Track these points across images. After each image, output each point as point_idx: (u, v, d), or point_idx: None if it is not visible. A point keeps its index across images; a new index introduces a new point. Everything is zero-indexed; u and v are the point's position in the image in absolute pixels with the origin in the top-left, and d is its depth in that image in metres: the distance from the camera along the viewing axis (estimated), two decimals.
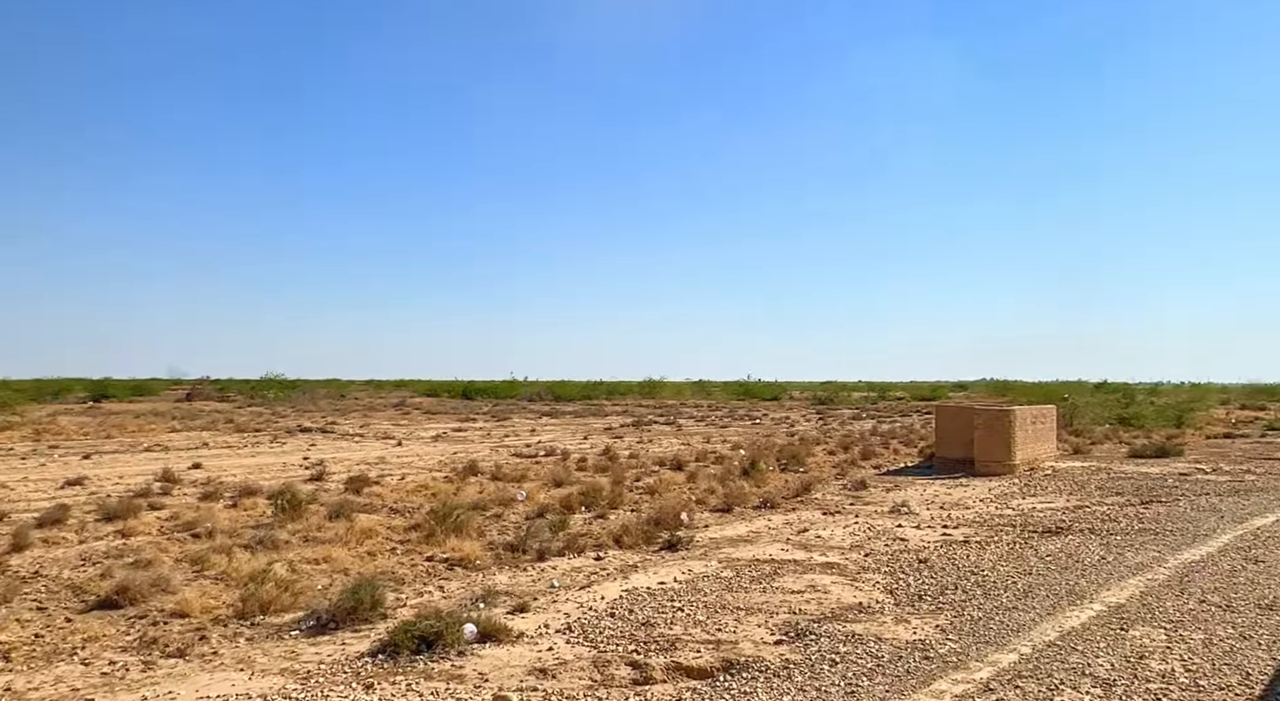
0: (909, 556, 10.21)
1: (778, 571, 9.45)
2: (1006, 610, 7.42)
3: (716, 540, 11.58)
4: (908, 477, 19.50)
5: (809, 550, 10.83)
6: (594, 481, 17.25)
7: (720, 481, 17.89)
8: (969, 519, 13.33)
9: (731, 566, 9.73)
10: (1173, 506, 14.11)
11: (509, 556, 10.32)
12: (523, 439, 30.99)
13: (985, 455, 20.24)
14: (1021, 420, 20.61)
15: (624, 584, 8.75)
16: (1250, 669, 5.75)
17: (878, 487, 17.53)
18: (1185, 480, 17.86)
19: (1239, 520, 12.50)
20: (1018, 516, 13.48)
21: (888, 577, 9.11)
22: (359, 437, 30.79)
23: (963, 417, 21.00)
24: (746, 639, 6.65)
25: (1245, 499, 14.91)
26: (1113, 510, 13.93)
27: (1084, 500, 15.40)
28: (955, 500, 15.63)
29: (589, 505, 14.08)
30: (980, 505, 14.97)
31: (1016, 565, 9.51)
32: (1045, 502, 15.19)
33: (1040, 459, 21.59)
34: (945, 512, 14.05)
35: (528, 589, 8.60)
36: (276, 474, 18.89)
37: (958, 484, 18.29)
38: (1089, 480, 18.32)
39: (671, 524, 12.48)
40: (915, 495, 16.31)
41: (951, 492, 16.76)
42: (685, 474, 19.27)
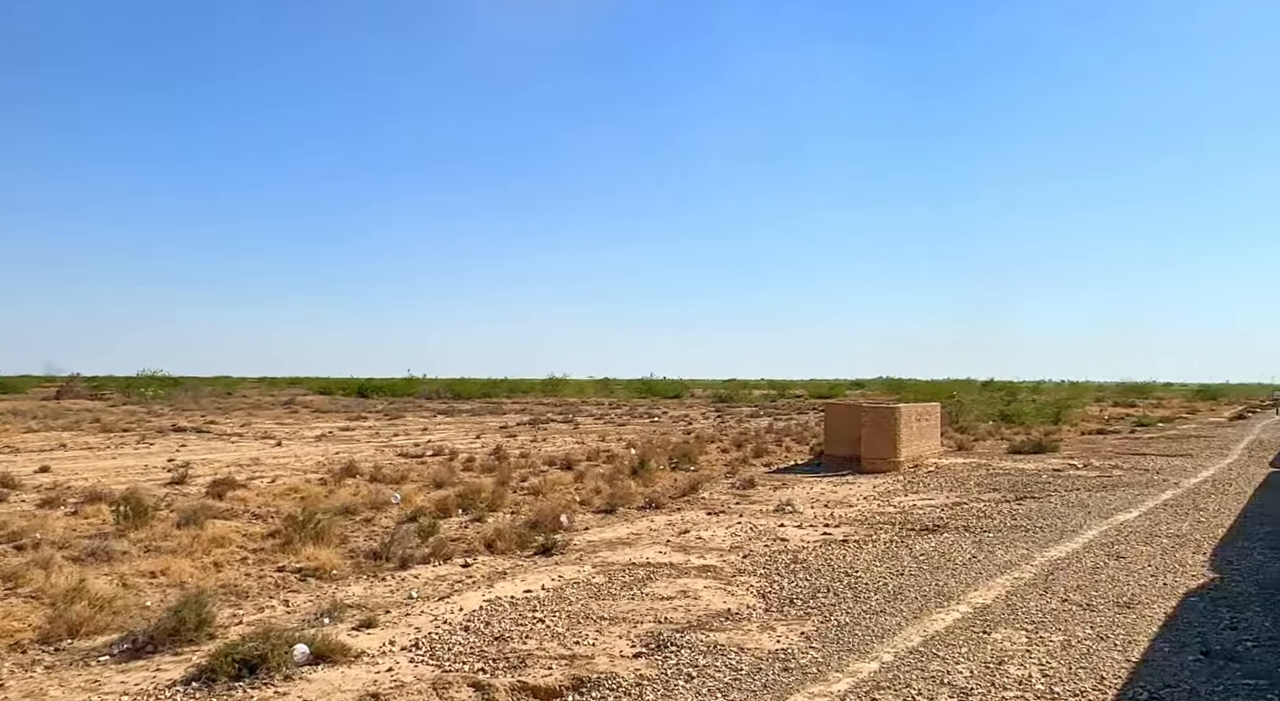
0: (786, 557, 10.04)
1: (652, 576, 9.13)
2: (874, 614, 7.26)
3: (595, 543, 11.20)
4: (797, 475, 19.56)
5: (688, 552, 10.55)
6: (478, 482, 16.65)
7: (608, 481, 17.54)
8: (851, 517, 13.32)
9: (605, 571, 9.36)
10: (1044, 502, 14.45)
11: (370, 565, 9.70)
12: (413, 438, 30.01)
13: (872, 453, 20.49)
14: (907, 418, 20.96)
15: (488, 593, 8.27)
16: (1105, 672, 5.69)
17: (766, 486, 17.49)
18: (1058, 476, 18.44)
19: (1105, 515, 12.85)
20: (898, 514, 13.56)
21: (763, 580, 8.89)
22: (237, 438, 29.24)
23: (851, 416, 21.23)
24: (604, 652, 6.28)
25: (1112, 494, 15.41)
26: (988, 507, 14.17)
27: (962, 497, 15.66)
28: (840, 498, 15.68)
29: (467, 507, 13.51)
30: (863, 503, 15.04)
31: (890, 565, 9.43)
32: (926, 500, 15.37)
33: (925, 456, 22.04)
34: (829, 511, 14.04)
35: (383, 601, 8.02)
36: (134, 477, 17.60)
37: (844, 481, 18.42)
38: (969, 476, 18.72)
39: (550, 526, 12.05)
40: (801, 493, 16.31)
41: (837, 490, 16.84)
42: (574, 473, 18.85)
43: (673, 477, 18.70)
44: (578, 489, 16.62)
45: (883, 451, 20.40)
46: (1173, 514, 12.88)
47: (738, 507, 14.54)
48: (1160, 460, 21.92)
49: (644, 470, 18.78)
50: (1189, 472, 18.93)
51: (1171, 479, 17.64)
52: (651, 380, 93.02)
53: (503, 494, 15.25)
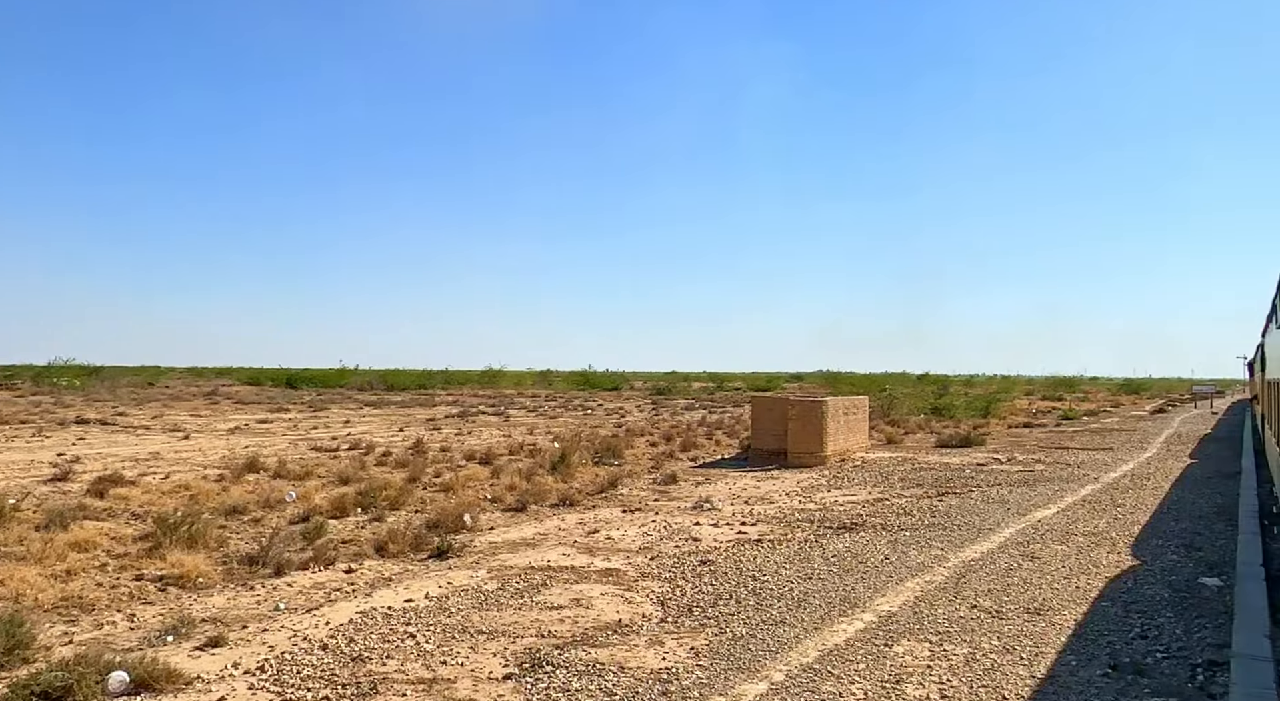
0: (695, 559, 9.54)
1: (549, 581, 8.54)
2: (774, 625, 6.77)
3: (497, 545, 10.56)
4: (722, 470, 19.15)
5: (594, 554, 9.99)
6: (387, 479, 15.85)
7: (526, 477, 16.88)
8: (770, 515, 12.91)
9: (500, 576, 8.74)
10: (965, 498, 14.24)
11: (244, 571, 8.92)
12: (333, 431, 28.90)
13: (798, 447, 20.19)
14: (834, 412, 20.72)
15: (364, 603, 7.59)
16: (1008, 690, 5.27)
17: (688, 481, 17.02)
18: (981, 471, 18.35)
19: (1023, 512, 12.65)
20: (818, 511, 13.19)
21: (665, 585, 8.38)
22: (143, 430, 27.79)
23: (777, 409, 20.90)
24: (471, 675, 5.66)
25: (1032, 489, 15.29)
26: (909, 503, 13.90)
27: (885, 492, 15.39)
28: (762, 494, 15.28)
29: (367, 506, 12.73)
30: (785, 499, 14.65)
31: (801, 568, 8.99)
32: (848, 496, 15.06)
33: (852, 450, 21.84)
34: (748, 508, 13.61)
35: (244, 613, 7.29)
36: (14, 475, 16.39)
37: (769, 476, 18.06)
38: (894, 471, 18.52)
39: (451, 527, 11.37)
40: (723, 489, 15.88)
41: (760, 486, 16.45)
42: (491, 469, 18.14)
43: (594, 473, 18.13)
44: (492, 485, 15.94)
45: (809, 445, 20.12)
46: (1091, 510, 12.73)
47: (656, 505, 14.03)
48: (1082, 454, 22.07)
49: (564, 465, 18.16)
50: (1109, 467, 19.02)
51: (1092, 473, 17.66)
52: (590, 372, 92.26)
53: (411, 491, 14.50)
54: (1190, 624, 6.74)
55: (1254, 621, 6.45)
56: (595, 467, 19.36)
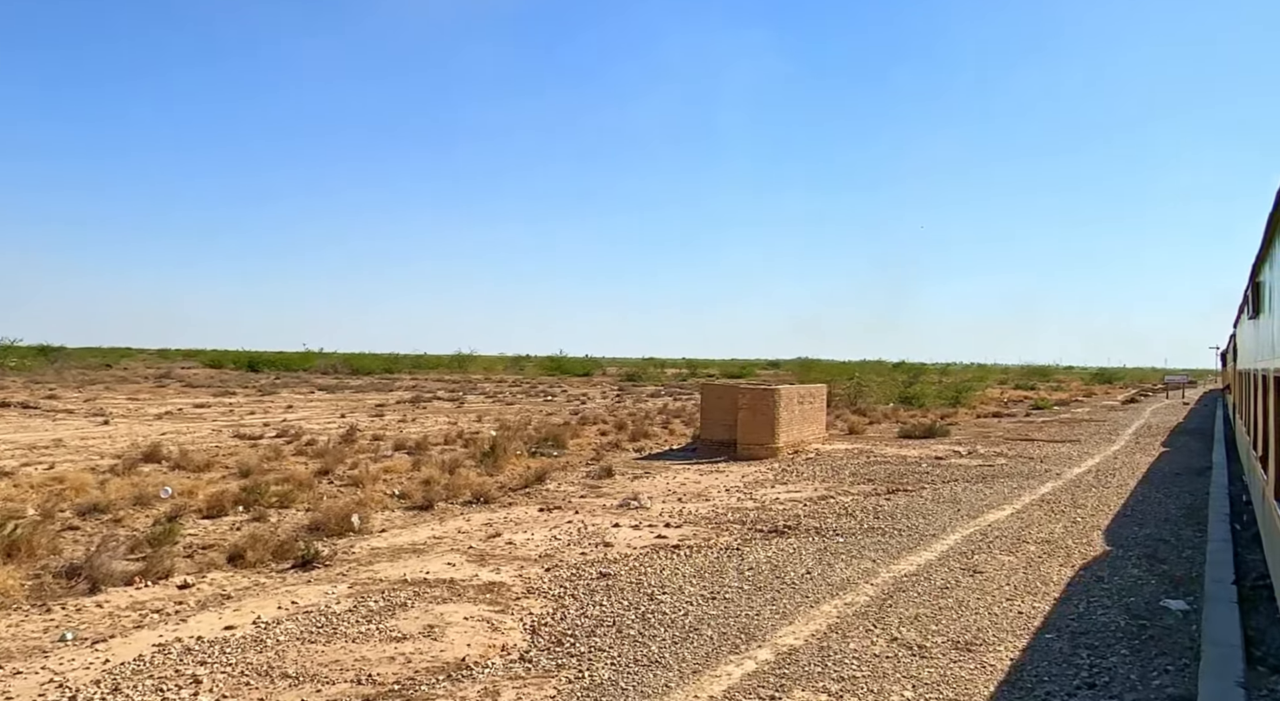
0: (596, 570, 8.34)
1: (414, 599, 7.31)
2: (648, 666, 5.57)
3: (379, 551, 9.31)
4: (666, 462, 17.97)
5: (484, 563, 8.77)
6: (293, 471, 14.57)
7: (449, 469, 15.62)
8: (700, 515, 11.74)
9: (359, 593, 7.50)
10: (915, 496, 13.13)
11: (59, 586, 7.61)
12: (272, 417, 27.47)
13: (748, 438, 19.04)
14: (788, 400, 19.57)
15: (171, 632, 6.32)
16: None
17: (625, 475, 15.82)
18: (939, 465, 17.27)
19: (975, 514, 11.54)
20: (754, 511, 12.03)
21: (549, 604, 7.18)
22: (65, 415, 26.24)
23: (727, 398, 19.73)
24: None
25: (989, 486, 14.22)
26: (855, 501, 12.78)
27: (833, 488, 14.28)
28: (699, 490, 14.11)
29: (250, 504, 11.43)
30: (723, 496, 13.49)
31: (709, 583, 7.81)
32: (792, 492, 13.93)
33: (807, 441, 20.73)
34: (680, 507, 12.43)
35: (17, 646, 5.99)
36: None
37: (715, 469, 16.90)
38: (847, 465, 17.41)
39: (335, 529, 10.11)
40: (660, 485, 14.70)
41: (701, 481, 15.28)
42: (414, 460, 16.85)
43: (526, 465, 16.89)
44: (410, 478, 14.67)
45: (760, 436, 18.97)
46: (1048, 512, 11.65)
47: (580, 502, 12.83)
48: (1048, 447, 21.07)
49: (494, 456, 16.91)
50: (1074, 461, 18.01)
51: (1054, 469, 16.63)
52: (562, 358, 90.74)
53: (312, 486, 13.22)
54: (1148, 665, 5.60)
55: (1224, 663, 5.32)
56: (530, 459, 18.14)
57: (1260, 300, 8.72)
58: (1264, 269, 8.18)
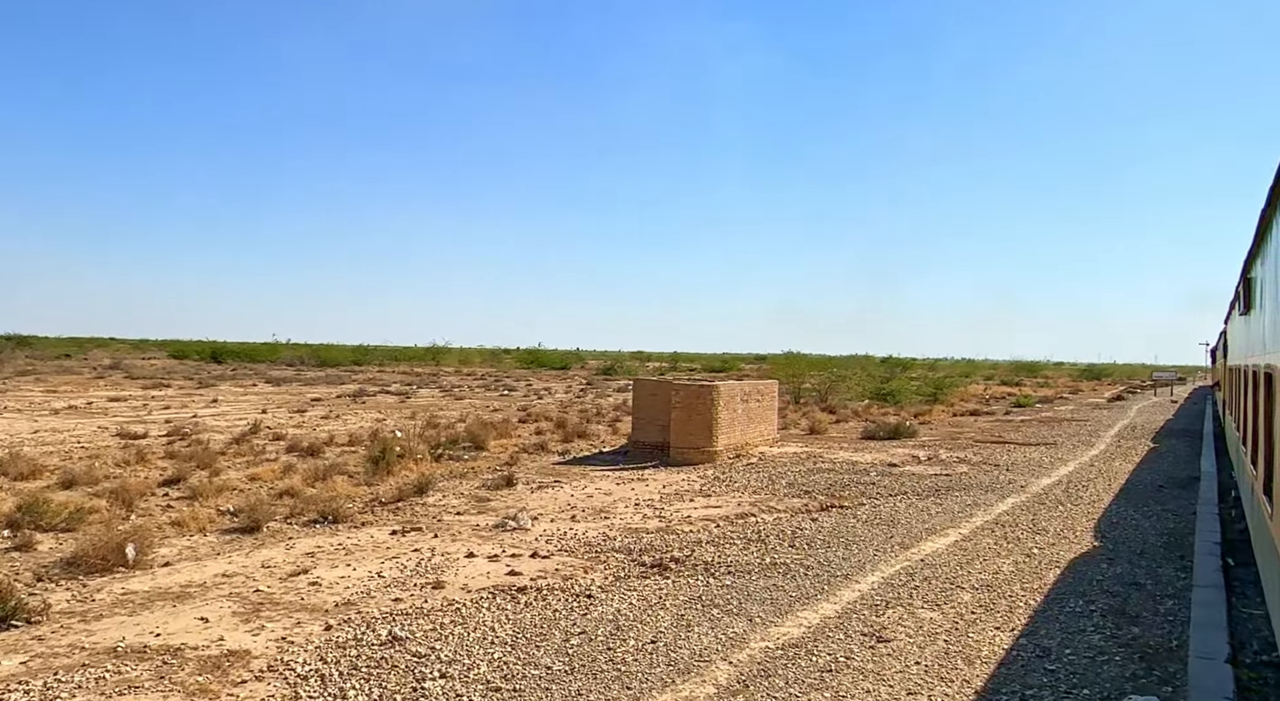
0: (389, 630, 6.26)
1: (96, 685, 5.22)
2: None
3: (130, 597, 7.23)
4: (587, 468, 15.90)
5: (255, 616, 6.71)
6: (127, 482, 12.45)
7: (322, 477, 13.55)
8: (585, 540, 9.68)
9: (26, 673, 5.41)
10: (849, 516, 11.09)
11: None
12: (183, 413, 25.30)
13: (682, 440, 16.96)
14: (728, 399, 17.49)
15: None
16: None
17: (530, 485, 13.74)
18: (890, 473, 15.21)
19: (910, 541, 9.48)
20: (653, 534, 9.98)
21: (280, 695, 5.10)
22: None
23: (661, 395, 17.65)
24: None
25: (939, 502, 12.18)
26: (776, 522, 10.73)
27: (759, 503, 12.22)
28: (604, 505, 12.05)
29: (19, 525, 9.31)
30: (628, 513, 11.43)
31: (514, 658, 5.73)
32: (711, 508, 11.88)
33: (753, 443, 18.66)
34: (568, 528, 10.38)
35: None
36: None
37: (637, 477, 14.82)
38: (788, 472, 15.35)
39: (99, 562, 8.03)
40: (561, 498, 12.62)
41: (614, 492, 13.21)
42: (290, 465, 14.74)
43: (421, 472, 14.82)
44: (270, 488, 12.60)
45: (696, 438, 16.90)
46: (999, 540, 9.60)
47: (450, 522, 10.76)
48: (1018, 451, 19.05)
49: (386, 461, 14.81)
50: (1044, 469, 15.99)
51: (1020, 479, 14.59)
52: (540, 351, 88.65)
53: (130, 501, 11.11)
54: None
55: None
56: (433, 463, 16.05)
57: (1251, 296, 8.62)
58: (1255, 265, 8.11)
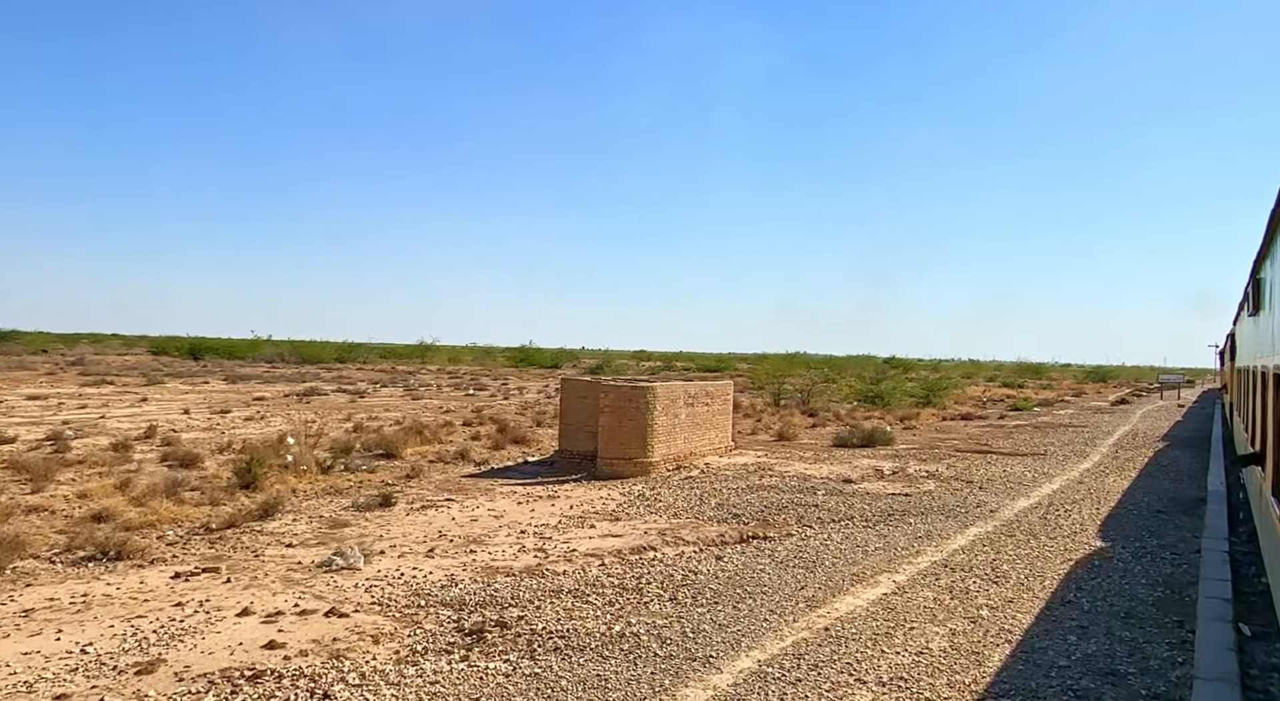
0: None
1: None
2: None
3: None
4: (498, 481, 13.76)
5: None
6: None
7: (161, 494, 11.44)
8: (417, 586, 7.58)
9: None
10: (774, 548, 8.91)
11: None
12: (99, 413, 23.22)
13: (612, 450, 14.78)
14: (667, 402, 15.32)
15: None
16: None
17: (413, 504, 11.64)
18: (841, 491, 13.00)
19: (828, 593, 7.30)
20: (517, 576, 7.87)
21: None
22: None
23: (591, 398, 15.49)
24: None
25: (885, 533, 9.98)
26: (679, 558, 8.59)
27: (672, 531, 10.07)
28: (483, 532, 9.92)
29: None
30: (506, 544, 9.30)
31: None
32: (613, 537, 9.74)
33: (700, 452, 16.48)
34: (412, 567, 8.29)
35: None
36: None
37: (548, 494, 12.68)
38: (727, 488, 13.17)
39: None
40: (436, 522, 10.50)
41: (508, 514, 11.08)
42: (174, 475, 12.63)
43: (293, 487, 12.73)
44: (85, 510, 10.51)
45: (627, 448, 14.73)
46: (944, 593, 7.41)
47: (269, 557, 8.67)
48: (1000, 463, 16.81)
49: (253, 474, 12.69)
50: (1024, 487, 13.76)
51: (992, 501, 12.37)
52: (529, 349, 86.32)
53: None
54: None
55: None
56: (322, 475, 13.93)
57: (1261, 297, 8.61)
58: (1265, 266, 8.05)
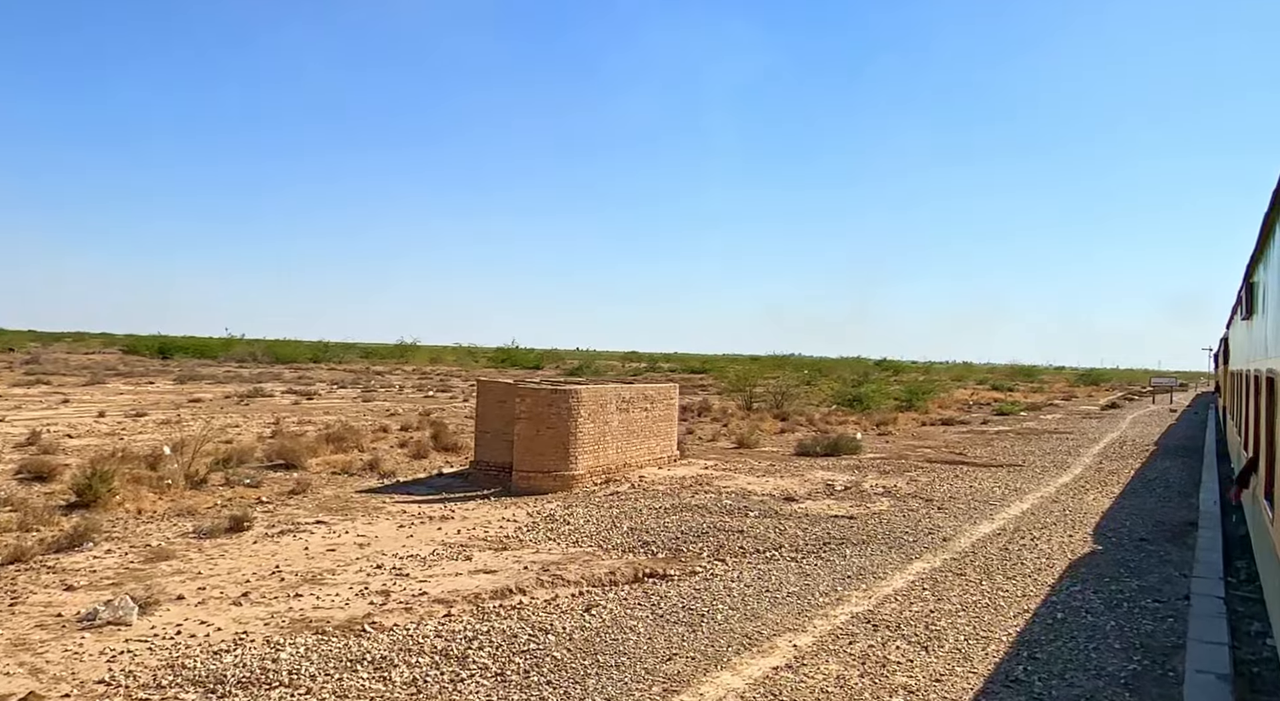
0: None
1: None
2: None
3: None
4: (396, 497, 12.03)
5: None
6: None
7: None
8: (172, 656, 5.85)
9: None
10: (653, 597, 7.18)
11: None
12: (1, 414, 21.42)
13: (529, 461, 13.03)
14: (595, 407, 13.59)
15: None
16: None
17: (274, 528, 9.91)
18: (778, 512, 11.25)
19: (701, 667, 5.56)
20: (331, 634, 6.15)
21: None
22: None
23: (509, 402, 13.74)
24: None
25: (810, 569, 8.25)
26: (548, 605, 6.88)
27: (560, 565, 8.36)
28: (332, 566, 8.21)
29: None
30: (352, 583, 7.60)
31: None
32: (483, 574, 8.05)
33: (637, 463, 14.74)
34: (202, 620, 6.58)
35: None
36: None
37: (442, 515, 10.96)
38: (649, 508, 11.43)
39: None
40: (285, 552, 8.78)
41: (376, 541, 9.35)
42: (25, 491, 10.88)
43: (139, 507, 11.02)
44: None
45: (546, 459, 13.00)
46: (854, 665, 5.69)
47: (34, 604, 6.91)
48: (970, 476, 15.09)
49: (94, 492, 10.93)
50: (991, 507, 12.05)
51: (951, 524, 10.65)
52: (512, 349, 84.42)
53: None
54: None
55: None
56: (192, 491, 12.19)
57: (1254, 300, 8.61)
58: (1258, 270, 8.06)
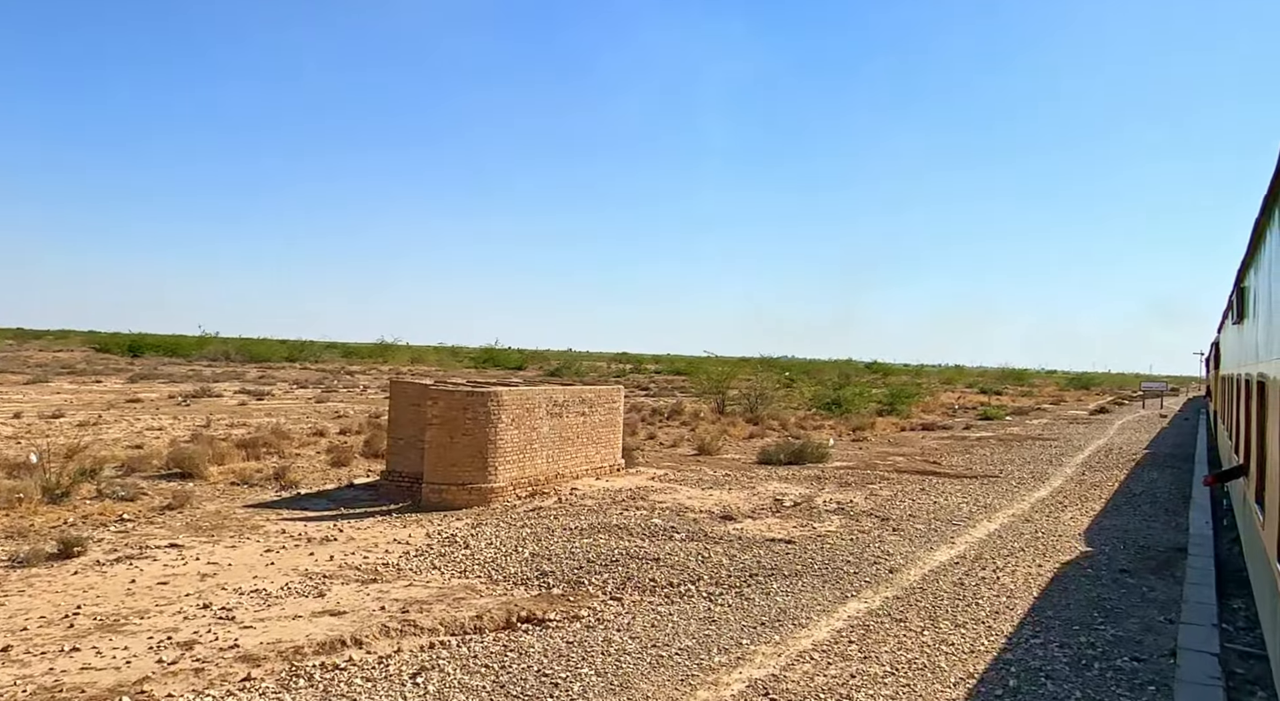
0: None
1: None
2: None
3: None
4: (287, 511, 10.62)
5: None
6: None
7: None
8: None
9: None
10: (511, 651, 5.81)
11: None
12: None
13: (441, 472, 11.63)
14: (521, 412, 12.20)
15: None
16: None
17: (115, 551, 8.49)
18: (707, 534, 9.86)
19: None
20: None
21: None
22: None
23: (425, 404, 12.33)
24: None
25: (726, 607, 6.88)
26: (357, 675, 5.48)
27: (430, 603, 6.99)
28: (145, 607, 6.83)
29: None
30: (148, 628, 6.24)
31: None
32: (333, 616, 6.65)
33: (573, 473, 13.34)
34: None
35: None
36: None
37: (327, 534, 9.57)
38: (567, 526, 10.04)
39: None
40: (103, 585, 7.39)
41: (228, 569, 7.97)
42: None
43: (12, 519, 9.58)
44: None
45: (462, 470, 11.60)
46: None
47: None
48: (939, 490, 13.73)
49: None
50: (954, 527, 10.69)
51: (904, 549, 9.28)
52: (495, 350, 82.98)
53: None
54: None
55: None
56: (50, 506, 10.76)
57: (1244, 305, 8.55)
58: (1249, 274, 8.06)
